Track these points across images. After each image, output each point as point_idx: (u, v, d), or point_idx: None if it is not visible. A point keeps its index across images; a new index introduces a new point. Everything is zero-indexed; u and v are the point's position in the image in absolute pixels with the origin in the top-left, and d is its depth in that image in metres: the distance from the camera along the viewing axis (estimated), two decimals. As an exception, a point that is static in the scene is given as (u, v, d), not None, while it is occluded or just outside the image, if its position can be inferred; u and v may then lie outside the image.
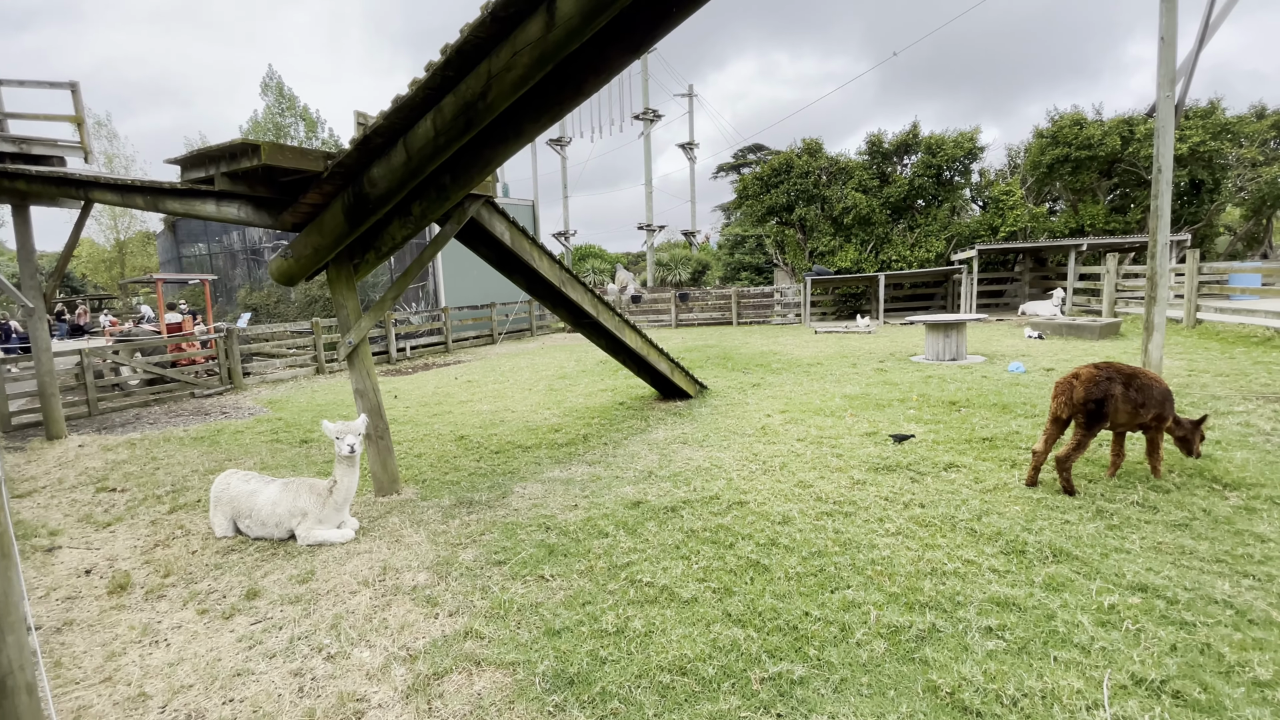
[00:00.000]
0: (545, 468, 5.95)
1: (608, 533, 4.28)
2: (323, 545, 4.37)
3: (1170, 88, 7.11)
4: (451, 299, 18.71)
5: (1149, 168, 17.77)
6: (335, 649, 3.10)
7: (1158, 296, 7.61)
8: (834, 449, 5.93)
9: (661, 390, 8.99)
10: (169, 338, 11.72)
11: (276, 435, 7.94)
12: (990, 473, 5.06)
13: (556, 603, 3.41)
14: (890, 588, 3.36)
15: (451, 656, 2.96)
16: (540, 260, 6.37)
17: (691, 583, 3.53)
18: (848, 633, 2.98)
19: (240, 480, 4.69)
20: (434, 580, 3.77)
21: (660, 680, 2.69)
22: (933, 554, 3.70)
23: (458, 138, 3.55)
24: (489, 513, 4.83)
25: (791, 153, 20.05)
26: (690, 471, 5.52)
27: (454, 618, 3.32)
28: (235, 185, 4.27)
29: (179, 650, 3.21)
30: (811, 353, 12.86)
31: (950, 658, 2.76)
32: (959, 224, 18.91)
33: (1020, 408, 7.01)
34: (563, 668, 2.81)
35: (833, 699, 2.55)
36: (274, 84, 29.98)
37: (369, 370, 5.24)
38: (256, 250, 20.64)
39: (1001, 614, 3.07)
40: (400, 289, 5.22)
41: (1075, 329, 12.72)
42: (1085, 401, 4.46)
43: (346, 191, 4.26)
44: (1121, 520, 4.07)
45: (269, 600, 3.66)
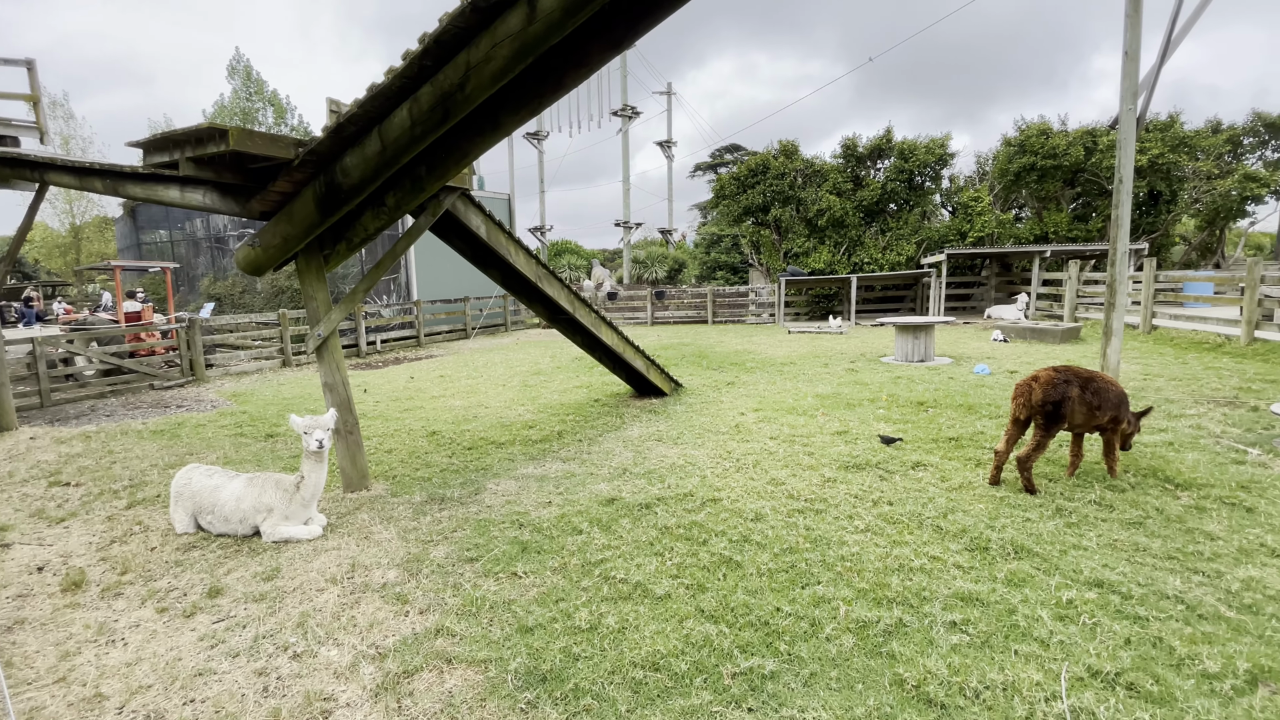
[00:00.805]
0: (519, 464, 5.91)
1: (582, 529, 4.28)
2: (289, 542, 4.27)
3: (1133, 101, 7.35)
4: (424, 292, 18.44)
5: (1110, 178, 18.38)
6: (302, 647, 3.04)
7: (1116, 303, 7.88)
8: (806, 447, 6.02)
9: (637, 387, 9.00)
10: (127, 327, 11.31)
11: (240, 429, 7.73)
12: (956, 471, 5.18)
13: (529, 600, 3.40)
14: (859, 583, 3.43)
15: (422, 654, 2.93)
16: (516, 255, 6.32)
17: (665, 579, 3.55)
18: (818, 628, 3.03)
19: (203, 475, 4.55)
20: (404, 577, 3.71)
21: (633, 676, 2.70)
22: (900, 550, 3.78)
23: (434, 129, 3.50)
24: (461, 509, 4.78)
25: (768, 154, 20.23)
26: (665, 469, 5.54)
27: (425, 615, 3.28)
28: (201, 171, 4.13)
29: (137, 649, 3.11)
30: (785, 352, 13.00)
31: (916, 652, 2.82)
32: (929, 228, 19.31)
33: (985, 408, 7.20)
34: (535, 665, 2.80)
35: (802, 693, 2.59)
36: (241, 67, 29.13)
37: (339, 364, 5.14)
38: (221, 238, 20.04)
39: (966, 609, 3.15)
40: (372, 281, 5.12)
41: (1038, 333, 13.10)
42: (1044, 403, 4.60)
43: (318, 180, 4.16)
44: (1080, 518, 4.21)
45: (232, 598, 3.56)
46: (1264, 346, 10.03)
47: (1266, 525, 3.97)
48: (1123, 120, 7.49)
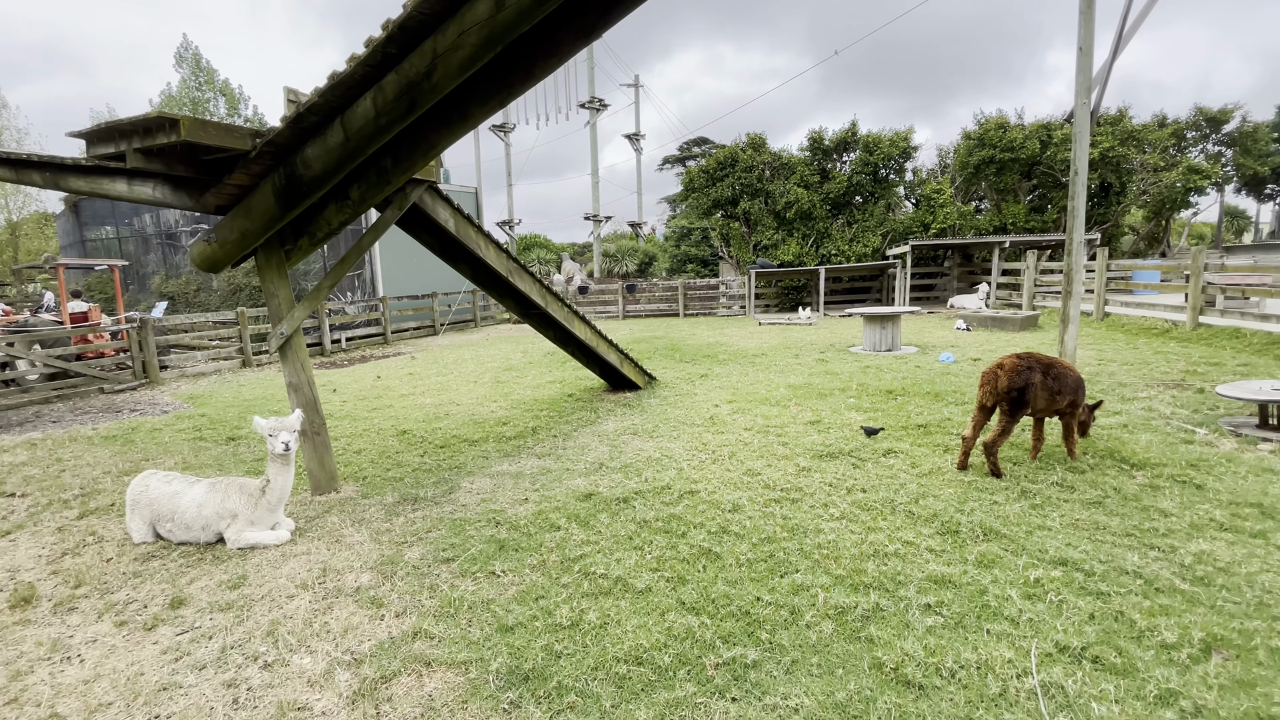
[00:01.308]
0: (493, 461, 5.83)
1: (560, 526, 4.24)
2: (255, 548, 4.13)
3: (1087, 95, 7.59)
4: (390, 288, 18.03)
5: (1065, 170, 18.99)
6: (273, 656, 2.94)
7: (1073, 291, 8.15)
8: (780, 437, 6.08)
9: (610, 381, 8.97)
10: (73, 328, 10.79)
11: (200, 433, 7.46)
12: (925, 458, 5.30)
13: (508, 598, 3.35)
14: (836, 570, 3.48)
15: (399, 658, 2.87)
16: (487, 249, 6.21)
17: (645, 573, 3.54)
18: (798, 615, 3.06)
19: (161, 481, 4.37)
20: (378, 580, 3.63)
21: (616, 671, 2.69)
22: (875, 536, 3.85)
23: (400, 119, 3.40)
24: (435, 509, 4.70)
25: (736, 147, 20.32)
26: (641, 462, 5.53)
27: (401, 619, 3.21)
28: (151, 163, 3.94)
29: (95, 666, 2.97)
30: (756, 344, 13.12)
31: (893, 635, 2.88)
32: (894, 220, 19.68)
33: (951, 395, 7.38)
34: (517, 664, 2.77)
35: (785, 680, 2.62)
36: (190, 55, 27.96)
37: (303, 363, 4.98)
38: (172, 234, 19.25)
39: (939, 591, 3.22)
40: (336, 277, 4.97)
41: (999, 321, 13.48)
42: (1009, 390, 4.73)
43: (277, 173, 4.01)
44: (1043, 500, 4.34)
45: (196, 608, 3.43)
46: (1207, 331, 10.51)
47: (1215, 501, 4.16)
48: (1077, 114, 7.73)
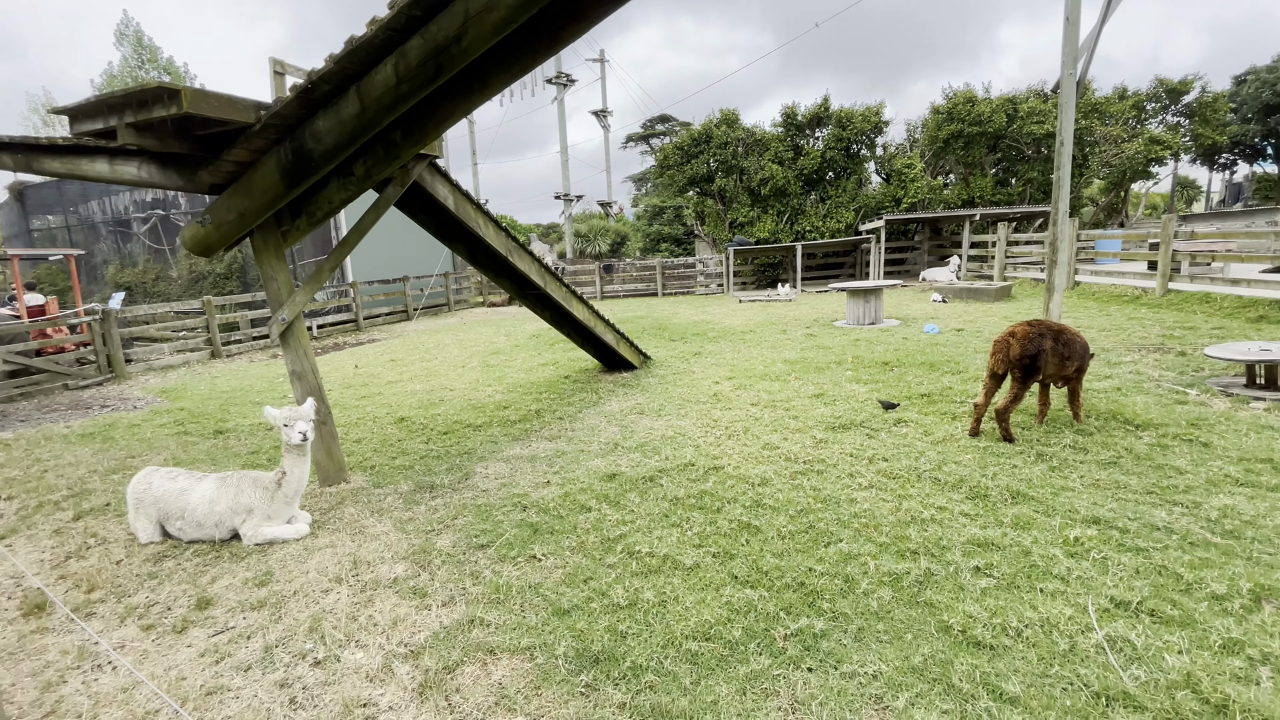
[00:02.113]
0: (503, 446, 5.71)
1: (590, 507, 4.18)
2: (274, 543, 3.96)
3: (1073, 65, 7.70)
4: (359, 273, 17.45)
5: (1030, 143, 19.43)
6: (322, 653, 2.83)
7: (1059, 260, 8.36)
8: (788, 411, 6.11)
9: (606, 362, 8.88)
10: (30, 323, 10.15)
11: (183, 427, 7.12)
12: (935, 426, 5.39)
13: (556, 581, 3.29)
14: (879, 538, 3.51)
15: (459, 648, 2.78)
16: (485, 227, 6.02)
17: (689, 549, 3.52)
18: (853, 584, 3.08)
19: (164, 478, 4.14)
20: (415, 570, 3.52)
21: (688, 648, 2.66)
22: (908, 504, 3.90)
23: (423, 86, 3.21)
24: (455, 496, 4.58)
25: (710, 123, 20.16)
26: (656, 441, 5.49)
27: (449, 607, 3.12)
28: (143, 139, 3.65)
29: (130, 672, 2.80)
30: (741, 321, 13.16)
31: (951, 598, 2.92)
32: (866, 195, 19.88)
33: (945, 365, 7.52)
34: (584, 646, 2.72)
35: (856, 648, 2.63)
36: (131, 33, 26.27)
37: (306, 350, 4.77)
38: (123, 221, 18.22)
39: (984, 554, 3.28)
40: (338, 260, 4.75)
41: (974, 293, 13.80)
42: (1021, 357, 4.83)
43: (282, 147, 3.77)
44: (1060, 462, 4.46)
45: (226, 608, 3.28)
46: (1177, 297, 10.95)
47: (1225, 458, 4.33)
48: (1064, 84, 7.84)
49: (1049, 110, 18.18)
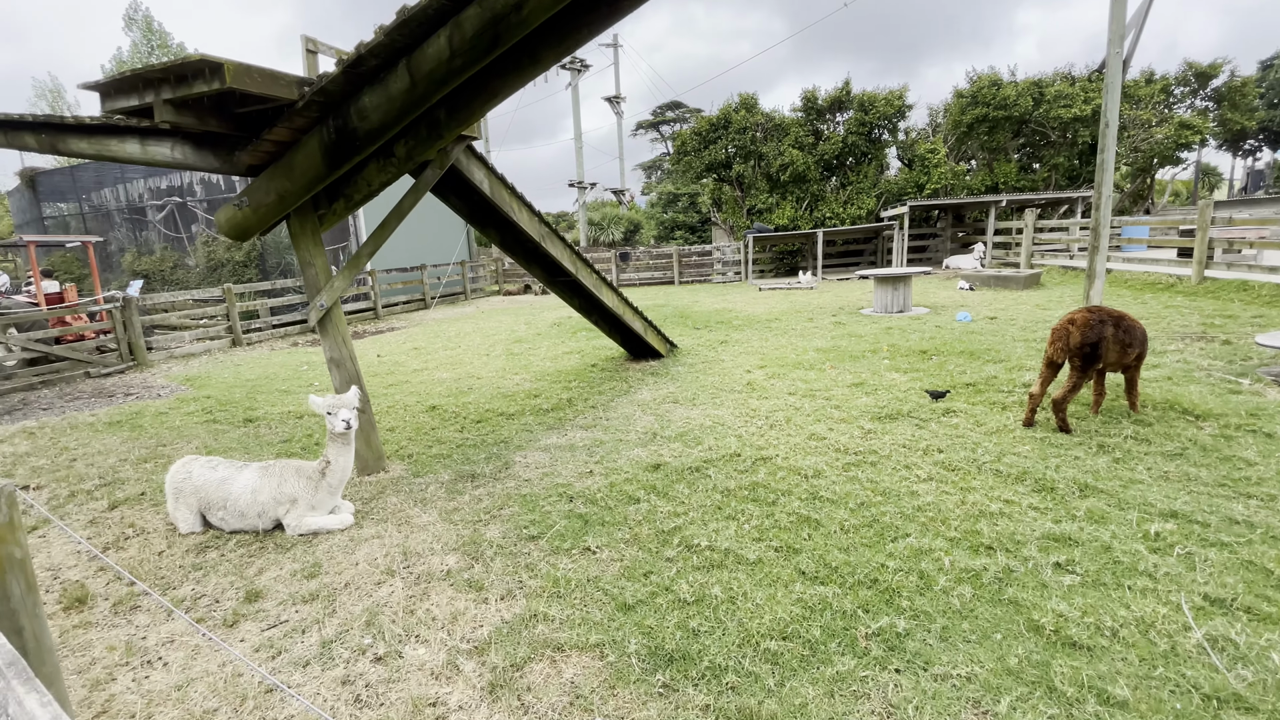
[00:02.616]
0: (539, 435, 5.60)
1: (638, 498, 4.06)
2: (318, 534, 3.87)
3: (1120, 43, 7.43)
4: (376, 261, 17.34)
5: (1056, 128, 19.02)
6: (382, 649, 2.73)
7: (1100, 246, 8.13)
8: (829, 401, 5.96)
9: (632, 350, 8.74)
10: (50, 310, 10.11)
11: (212, 415, 7.05)
12: (986, 416, 5.23)
13: (615, 575, 3.18)
14: (948, 533, 3.37)
15: (525, 644, 2.68)
16: (520, 212, 5.87)
17: (749, 543, 3.39)
18: (929, 580, 2.95)
19: (204, 467, 4.06)
20: (467, 562, 3.42)
21: (766, 648, 2.54)
22: (973, 497, 3.76)
23: (478, 59, 3.06)
24: (497, 485, 4.47)
25: (729, 108, 19.84)
26: (696, 430, 5.36)
27: (508, 601, 3.02)
28: (181, 116, 3.52)
29: (183, 669, 2.72)
30: (764, 309, 12.97)
31: (1037, 596, 2.78)
32: (888, 181, 19.54)
33: (986, 354, 7.33)
34: (656, 644, 2.60)
35: (943, 648, 2.50)
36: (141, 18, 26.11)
37: (345, 337, 4.66)
38: (138, 209, 18.18)
39: (1063, 549, 3.14)
40: (377, 243, 4.62)
41: (1002, 280, 13.54)
42: (1082, 345, 4.65)
43: (325, 126, 3.63)
44: (1124, 453, 4.30)
45: (276, 601, 3.19)
46: (1213, 285, 10.67)
47: (1299, 449, 4.15)
48: (1110, 62, 7.58)
49: (1076, 94, 17.77)
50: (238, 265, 15.41)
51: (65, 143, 4.59)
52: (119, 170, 17.30)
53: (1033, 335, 8.22)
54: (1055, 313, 10.05)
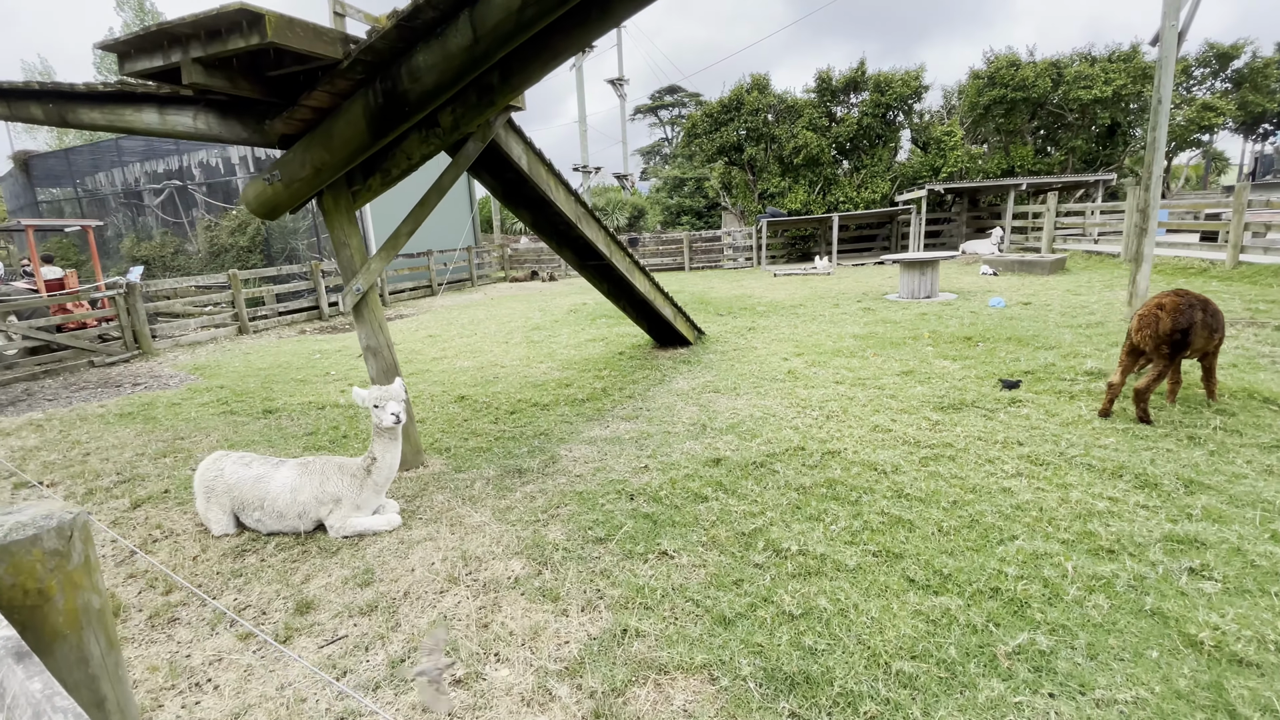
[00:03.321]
0: (579, 427, 5.31)
1: (705, 496, 3.78)
2: (363, 536, 3.59)
3: (1175, 15, 7.09)
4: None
5: (1074, 109, 18.64)
6: (461, 670, 2.45)
7: (1149, 229, 7.84)
8: (881, 390, 5.68)
9: (659, 338, 8.44)
10: (51, 297, 9.73)
11: (228, 406, 6.73)
12: (1056, 406, 4.96)
13: (702, 583, 2.90)
14: (1059, 534, 3.11)
15: (621, 664, 2.40)
16: (556, 191, 5.54)
17: (842, 546, 3.12)
18: (1056, 590, 2.68)
19: (237, 464, 3.75)
20: (534, 568, 3.14)
21: (899, 670, 2.27)
22: (1073, 494, 3.49)
23: (553, 8, 2.72)
24: (548, 482, 4.19)
25: (741, 89, 19.37)
26: (747, 422, 5.08)
27: (590, 614, 2.74)
28: (212, 78, 3.18)
29: (238, 693, 2.43)
30: (784, 295, 12.67)
31: (1181, 607, 2.52)
32: (904, 165, 19.16)
33: (1034, 340, 7.05)
34: (772, 665, 2.33)
35: (1096, 669, 2.24)
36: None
37: (381, 323, 4.34)
38: (135, 193, 17.67)
39: (1191, 553, 2.88)
40: (417, 222, 4.29)
41: (1026, 265, 13.25)
42: (1172, 331, 4.37)
43: (372, 89, 3.29)
44: (1218, 445, 4.04)
45: (331, 613, 2.90)
46: (1249, 269, 10.40)
47: None
48: (1164, 36, 7.24)
49: (1096, 74, 17.37)
50: (241, 250, 14.99)
51: (75, 113, 4.23)
52: (116, 153, 16.79)
53: (1075, 321, 7.95)
54: (1087, 298, 9.78)
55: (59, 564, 0.93)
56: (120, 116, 4.07)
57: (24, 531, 0.91)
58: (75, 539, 0.97)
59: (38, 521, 0.93)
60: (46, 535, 0.92)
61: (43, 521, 0.93)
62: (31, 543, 0.91)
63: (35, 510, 0.97)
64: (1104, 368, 5.75)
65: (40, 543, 0.92)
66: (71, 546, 0.96)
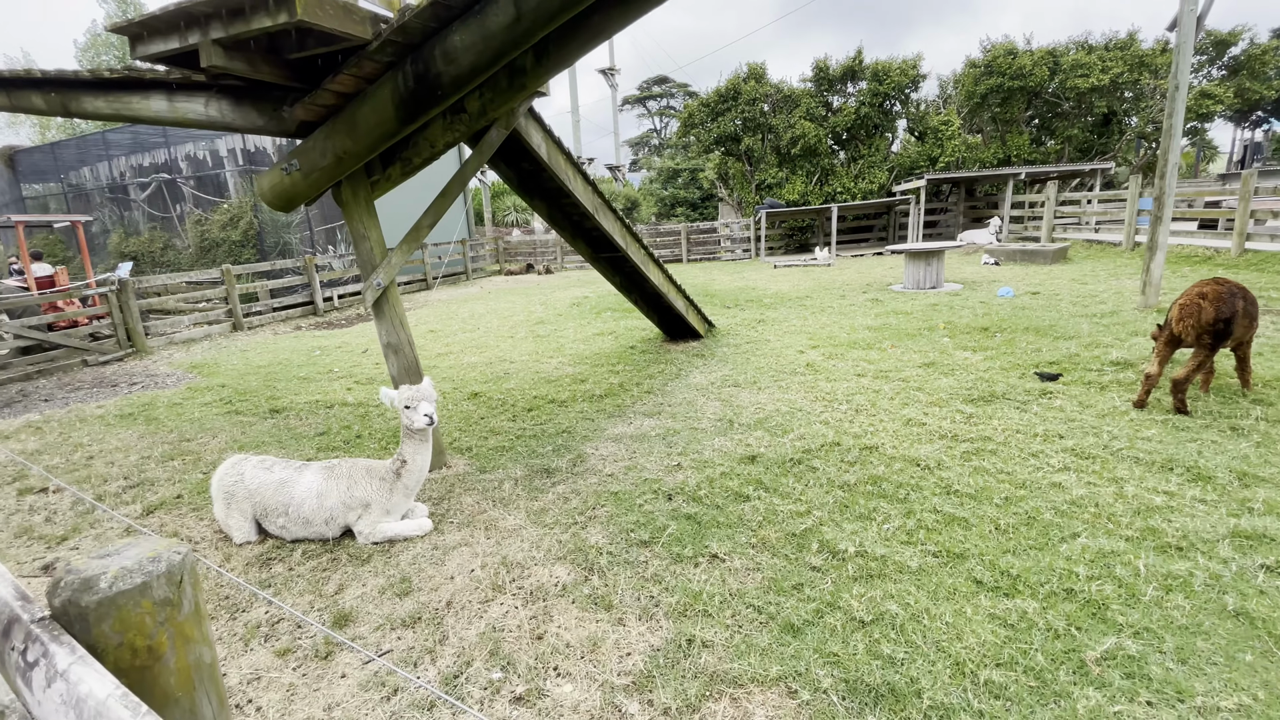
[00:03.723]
0: (601, 424, 5.18)
1: (746, 494, 3.67)
2: (394, 541, 3.44)
3: (1194, 0, 7.01)
4: (375, 241, 16.61)
5: (1070, 99, 18.64)
6: (520, 686, 2.32)
7: (1164, 216, 7.79)
8: (905, 383, 5.59)
9: (669, 331, 8.31)
10: (42, 295, 9.42)
11: (232, 405, 6.53)
12: (1088, 397, 4.89)
13: (759, 588, 2.79)
14: (1122, 531, 3.02)
15: (692, 678, 2.28)
16: (575, 180, 5.37)
17: (899, 546, 3.02)
18: (1132, 590, 2.59)
19: (257, 468, 3.59)
20: (581, 574, 3.01)
21: (987, 679, 2.17)
22: (1129, 489, 3.41)
23: (603, -15, 2.56)
24: (579, 482, 4.05)
25: (738, 78, 19.16)
26: (775, 416, 4.97)
27: (648, 623, 2.62)
28: (232, 61, 2.99)
29: (283, 715, 2.29)
30: (788, 287, 12.57)
31: (1266, 607, 2.44)
32: (902, 155, 19.08)
33: (1052, 331, 6.99)
34: (853, 676, 2.22)
35: (1190, 674, 2.15)
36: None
37: (402, 319, 4.17)
38: (121, 187, 17.22)
39: (1263, 549, 2.80)
40: (439, 213, 4.12)
41: (1028, 255, 13.24)
42: (1215, 321, 4.29)
43: (401, 72, 3.11)
44: (1262, 436, 3.98)
45: (371, 625, 2.76)
46: (1255, 257, 10.42)
47: None
48: (1182, 20, 7.17)
49: (1094, 63, 17.34)
50: (234, 245, 14.63)
51: (79, 102, 4.00)
52: (102, 147, 16.33)
53: (1088, 311, 7.90)
54: (1095, 287, 9.75)
55: (169, 615, 0.79)
56: (127, 105, 3.85)
57: (130, 580, 0.77)
58: (185, 584, 0.83)
59: (144, 566, 0.79)
60: (156, 583, 0.78)
61: (150, 566, 0.79)
62: (140, 592, 0.77)
63: (137, 552, 0.82)
64: (1129, 358, 5.69)
65: (150, 592, 0.77)
66: (182, 593, 0.82)
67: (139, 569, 0.78)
